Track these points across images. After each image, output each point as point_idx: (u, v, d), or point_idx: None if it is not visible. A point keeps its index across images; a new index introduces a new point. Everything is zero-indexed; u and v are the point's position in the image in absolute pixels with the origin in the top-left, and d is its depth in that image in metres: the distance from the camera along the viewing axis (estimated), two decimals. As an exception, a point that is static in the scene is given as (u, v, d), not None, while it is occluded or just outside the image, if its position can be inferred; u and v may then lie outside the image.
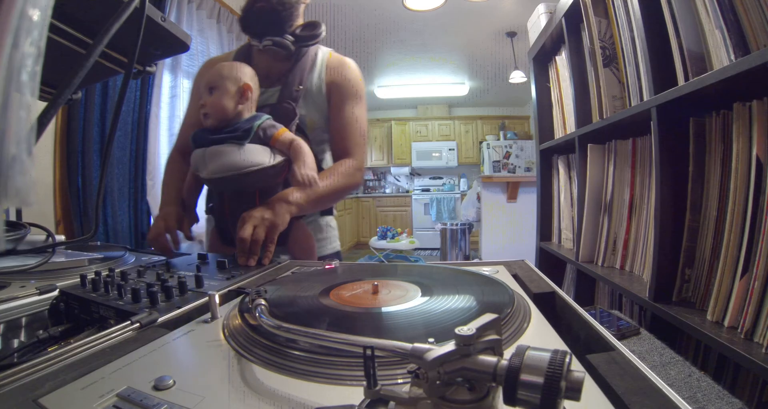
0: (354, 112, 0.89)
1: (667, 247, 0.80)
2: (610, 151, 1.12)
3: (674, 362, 0.69)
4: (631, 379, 0.25)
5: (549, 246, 1.57)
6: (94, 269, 0.58)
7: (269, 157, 0.74)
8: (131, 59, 0.43)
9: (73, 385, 0.27)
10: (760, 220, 0.61)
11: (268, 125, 0.75)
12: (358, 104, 0.90)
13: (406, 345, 0.22)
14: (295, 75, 0.86)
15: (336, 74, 0.89)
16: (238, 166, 0.71)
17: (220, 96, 0.75)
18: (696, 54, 0.72)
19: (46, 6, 0.17)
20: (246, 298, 0.39)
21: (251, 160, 0.72)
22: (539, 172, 1.69)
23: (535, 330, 0.34)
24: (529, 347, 0.19)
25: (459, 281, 0.47)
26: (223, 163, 0.71)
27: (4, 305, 0.46)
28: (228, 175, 0.72)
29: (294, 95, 0.85)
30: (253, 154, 0.72)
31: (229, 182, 0.73)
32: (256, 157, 0.72)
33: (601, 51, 1.06)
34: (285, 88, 0.85)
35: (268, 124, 0.75)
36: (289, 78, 0.86)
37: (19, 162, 0.16)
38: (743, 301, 0.63)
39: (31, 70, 0.16)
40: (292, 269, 0.63)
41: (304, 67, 0.87)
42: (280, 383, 0.27)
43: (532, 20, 1.81)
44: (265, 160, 0.73)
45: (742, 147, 0.65)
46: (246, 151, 0.72)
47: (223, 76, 0.76)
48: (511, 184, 3.25)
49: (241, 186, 0.74)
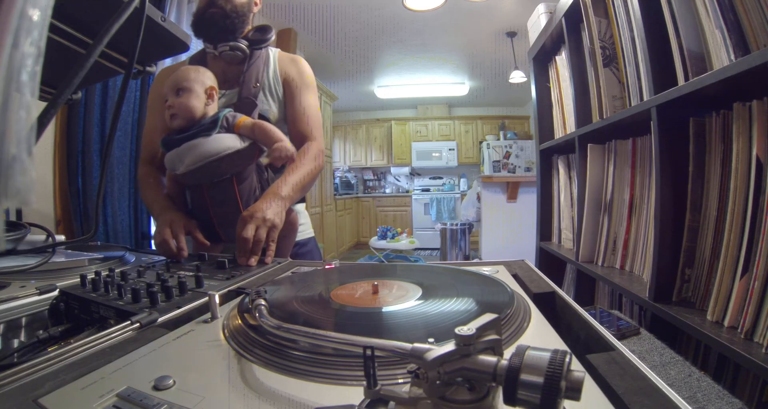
0: (309, 100, 0.97)
1: (667, 247, 0.80)
2: (610, 151, 1.12)
3: (674, 362, 0.69)
4: (631, 379, 0.25)
5: (549, 246, 1.57)
6: (94, 269, 0.58)
7: (239, 142, 0.77)
8: (131, 59, 0.43)
9: (73, 385, 0.27)
10: (760, 220, 0.61)
11: (231, 115, 0.80)
12: (312, 93, 0.98)
13: (406, 345, 0.22)
14: (252, 75, 0.91)
15: (289, 69, 0.97)
16: (212, 153, 0.74)
17: (188, 97, 0.77)
18: (696, 54, 0.72)
19: (46, 6, 0.17)
20: (246, 298, 0.40)
21: (224, 145, 0.75)
22: (539, 172, 1.69)
23: (535, 330, 0.34)
24: (529, 347, 0.19)
25: (459, 281, 0.47)
26: (197, 153, 0.74)
27: (4, 305, 0.46)
28: (204, 163, 0.74)
29: (253, 92, 0.91)
30: (224, 140, 0.76)
31: (207, 170, 0.75)
32: (227, 142, 0.76)
33: (601, 51, 1.06)
34: (243, 87, 0.90)
35: (230, 114, 0.80)
36: (246, 78, 0.91)
37: (19, 162, 0.16)
38: (743, 301, 0.63)
39: (31, 70, 0.16)
40: (292, 269, 0.63)
41: (259, 67, 0.93)
42: (280, 383, 0.27)
43: (532, 20, 1.81)
44: (237, 144, 0.77)
45: (742, 147, 0.65)
46: (216, 139, 0.76)
47: (190, 78, 0.79)
48: (511, 184, 3.24)
49: (219, 172, 0.77)
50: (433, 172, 6.09)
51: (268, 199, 0.75)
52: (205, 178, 0.77)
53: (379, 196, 5.87)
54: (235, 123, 0.79)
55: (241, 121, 0.79)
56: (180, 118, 0.78)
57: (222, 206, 0.80)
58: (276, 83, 0.95)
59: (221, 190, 0.79)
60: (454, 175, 6.10)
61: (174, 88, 0.78)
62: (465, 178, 5.95)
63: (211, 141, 0.75)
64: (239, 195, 0.80)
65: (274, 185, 0.80)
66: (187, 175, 0.77)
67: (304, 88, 0.96)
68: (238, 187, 0.79)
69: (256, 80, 0.91)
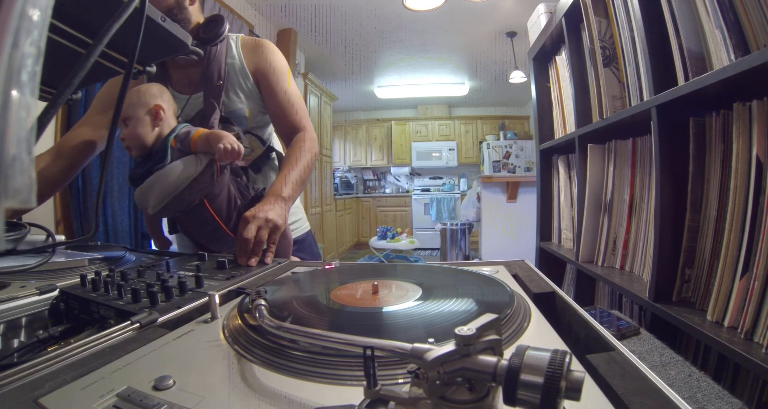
0: (289, 88, 0.91)
1: (667, 247, 0.80)
2: (610, 151, 1.12)
3: (674, 362, 0.69)
4: (631, 379, 0.25)
5: (549, 246, 1.57)
6: (94, 269, 0.58)
7: (195, 165, 0.72)
8: (131, 59, 0.43)
9: (73, 385, 0.27)
10: (760, 220, 0.61)
11: (182, 135, 0.75)
12: (288, 78, 0.92)
13: (406, 345, 0.22)
14: (213, 72, 0.85)
15: (256, 57, 0.90)
16: (171, 189, 0.71)
17: (135, 126, 0.74)
18: (696, 54, 0.72)
19: (46, 6, 0.17)
20: (246, 298, 0.40)
21: (180, 176, 0.71)
22: (539, 172, 1.69)
23: (535, 330, 0.34)
24: (529, 347, 0.19)
25: (459, 281, 0.47)
26: (157, 193, 0.71)
27: (4, 305, 0.46)
28: (168, 201, 0.71)
29: (217, 90, 0.85)
30: (179, 170, 0.71)
31: (175, 205, 0.73)
32: (183, 172, 0.71)
33: (601, 51, 1.06)
34: (207, 87, 0.85)
35: (182, 133, 0.75)
36: (207, 77, 0.85)
37: (19, 162, 0.16)
38: (743, 301, 0.63)
39: (31, 70, 0.16)
40: (292, 269, 0.63)
41: (219, 62, 0.86)
42: (280, 383, 0.27)
43: (532, 20, 1.81)
44: (192, 170, 0.72)
45: (742, 147, 0.65)
46: (171, 170, 0.71)
47: (133, 104, 0.74)
48: (511, 184, 3.24)
49: (186, 202, 0.73)
50: (433, 172, 6.09)
51: (271, 200, 0.75)
52: (176, 211, 0.75)
53: (379, 196, 5.87)
54: (189, 141, 0.74)
55: (197, 135, 0.74)
56: (135, 149, 0.75)
57: (204, 228, 0.78)
58: (244, 77, 0.89)
59: (196, 216, 0.76)
60: (454, 175, 6.10)
61: (122, 119, 0.74)
62: (465, 178, 5.95)
63: (165, 175, 0.71)
64: (216, 214, 0.77)
65: (276, 186, 0.78)
66: (159, 213, 0.76)
67: (279, 76, 0.90)
68: (212, 207, 0.76)
69: (218, 78, 0.86)
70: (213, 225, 0.77)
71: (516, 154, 4.73)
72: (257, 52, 0.91)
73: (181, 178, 0.71)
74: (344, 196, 5.15)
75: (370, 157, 6.09)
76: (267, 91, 0.90)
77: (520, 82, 3.95)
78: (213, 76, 0.85)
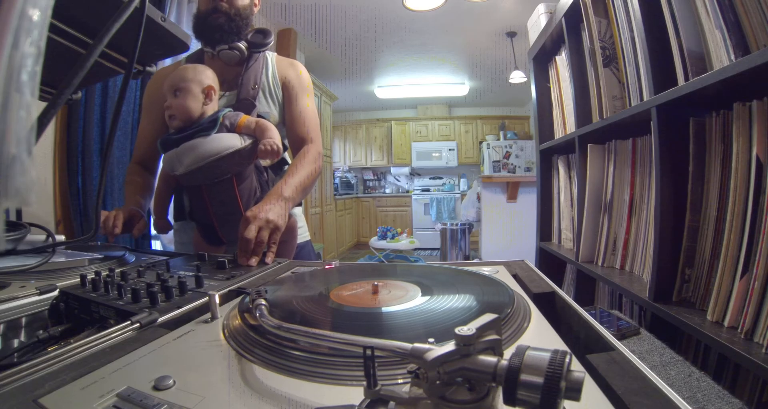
0: (308, 103, 0.98)
1: (667, 247, 0.80)
2: (610, 151, 1.12)
3: (674, 362, 0.69)
4: (631, 379, 0.25)
5: (549, 246, 1.57)
6: (94, 269, 0.58)
7: (240, 140, 0.76)
8: (131, 59, 0.43)
9: (73, 385, 0.27)
10: (760, 220, 0.61)
11: (231, 115, 0.79)
12: (309, 97, 0.99)
13: (406, 345, 0.22)
14: (250, 77, 0.91)
15: (288, 72, 0.98)
16: (213, 153, 0.74)
17: (185, 97, 0.77)
18: (696, 54, 0.72)
19: (46, 6, 0.17)
20: (246, 298, 0.40)
21: (224, 144, 0.74)
22: (539, 172, 1.69)
23: (535, 330, 0.34)
24: (529, 347, 0.19)
25: (459, 281, 0.47)
26: (197, 154, 0.73)
27: (4, 305, 0.46)
28: (205, 163, 0.74)
29: (252, 93, 0.90)
30: (224, 139, 0.75)
31: (207, 171, 0.75)
32: (228, 141, 0.75)
33: (601, 51, 1.06)
34: (242, 88, 0.90)
35: (230, 114, 0.79)
36: (245, 79, 0.91)
37: (19, 162, 0.16)
38: (743, 301, 0.63)
39: (31, 70, 0.16)
40: (292, 269, 0.63)
41: (257, 69, 0.93)
42: (280, 383, 0.27)
43: (532, 20, 1.81)
44: (237, 143, 0.76)
45: (742, 147, 0.65)
46: (216, 138, 0.75)
47: (187, 78, 0.78)
48: (511, 184, 3.24)
49: (219, 172, 0.76)
50: (433, 172, 6.09)
51: (271, 201, 0.75)
52: (205, 178, 0.77)
53: (379, 196, 5.87)
54: (237, 122, 0.78)
55: (243, 119, 0.79)
56: (178, 119, 0.77)
57: (222, 207, 0.79)
58: (276, 86, 0.96)
59: (221, 191, 0.78)
60: (454, 176, 6.10)
61: (171, 89, 0.78)
62: (465, 179, 5.95)
63: (210, 141, 0.74)
64: (239, 195, 0.79)
65: (277, 187, 0.79)
66: (187, 176, 0.76)
67: (301, 92, 0.97)
68: (238, 187, 0.79)
69: (255, 82, 0.91)
70: (232, 206, 0.79)
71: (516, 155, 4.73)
72: (290, 67, 0.99)
73: (224, 145, 0.74)
74: (344, 197, 5.15)
75: (370, 158, 6.09)
76: (287, 100, 0.97)
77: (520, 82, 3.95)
78: (250, 79, 0.91)
